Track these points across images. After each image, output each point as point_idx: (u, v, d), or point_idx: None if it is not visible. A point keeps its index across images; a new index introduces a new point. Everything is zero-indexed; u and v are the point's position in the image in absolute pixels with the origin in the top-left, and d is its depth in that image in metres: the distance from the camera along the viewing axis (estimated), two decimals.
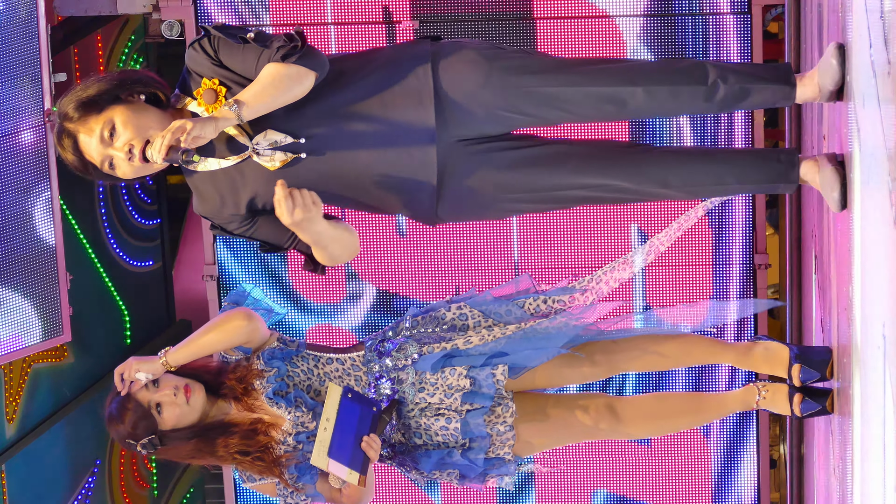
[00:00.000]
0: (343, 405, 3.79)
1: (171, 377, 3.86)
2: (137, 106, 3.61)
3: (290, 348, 3.96)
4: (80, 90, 3.61)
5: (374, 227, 6.35)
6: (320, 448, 3.76)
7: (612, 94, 3.63)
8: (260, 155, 3.63)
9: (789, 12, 5.74)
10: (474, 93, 3.64)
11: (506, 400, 3.95)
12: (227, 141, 3.63)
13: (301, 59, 3.54)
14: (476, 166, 3.69)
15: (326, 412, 3.78)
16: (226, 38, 3.60)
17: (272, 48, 3.56)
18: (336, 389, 3.80)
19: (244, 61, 3.60)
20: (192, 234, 8.67)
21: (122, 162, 3.59)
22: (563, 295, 4.04)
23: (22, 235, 6.05)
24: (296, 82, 3.55)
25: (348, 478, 3.77)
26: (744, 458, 6.56)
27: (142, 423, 3.84)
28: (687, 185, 3.72)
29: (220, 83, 3.61)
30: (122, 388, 3.85)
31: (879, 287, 2.61)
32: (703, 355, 4.07)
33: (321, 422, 3.78)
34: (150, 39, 7.29)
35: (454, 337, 3.95)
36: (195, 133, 3.45)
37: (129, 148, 3.57)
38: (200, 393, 3.88)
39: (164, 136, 3.46)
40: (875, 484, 2.73)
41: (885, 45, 2.55)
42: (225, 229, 3.80)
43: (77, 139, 3.61)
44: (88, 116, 3.59)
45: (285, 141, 3.62)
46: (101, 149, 3.59)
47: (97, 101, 3.59)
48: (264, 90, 3.52)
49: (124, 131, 3.57)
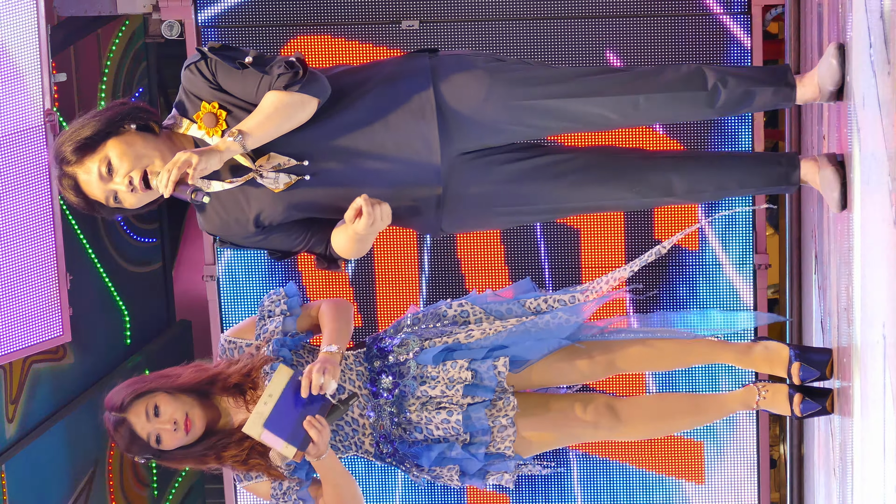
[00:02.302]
0: (290, 386, 3.78)
1: (170, 406, 3.85)
2: (130, 136, 3.61)
3: (300, 335, 3.97)
4: (75, 132, 3.62)
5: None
6: (256, 419, 3.75)
7: (614, 104, 3.64)
8: (263, 178, 3.64)
9: (789, 12, 5.74)
10: (476, 106, 3.65)
11: (507, 394, 3.95)
12: (231, 164, 3.64)
13: (303, 88, 3.55)
14: (478, 178, 3.71)
15: (270, 389, 3.77)
16: (223, 62, 3.60)
17: (273, 75, 3.56)
18: (286, 371, 3.79)
19: (244, 86, 3.60)
20: (192, 234, 8.67)
21: (126, 194, 3.60)
22: (564, 295, 4.05)
23: (22, 235, 6.06)
24: (298, 110, 3.56)
25: (284, 450, 3.77)
26: (744, 458, 6.56)
27: (136, 445, 3.89)
28: (689, 192, 3.74)
29: (219, 107, 3.61)
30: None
31: (879, 287, 2.61)
32: (702, 355, 4.07)
33: (263, 396, 3.77)
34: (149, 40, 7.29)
35: (455, 331, 3.96)
36: (201, 167, 3.46)
37: (129, 180, 3.58)
38: (201, 421, 3.88)
39: (170, 171, 3.46)
40: (875, 484, 2.73)
41: (885, 45, 2.55)
42: (234, 243, 3.81)
43: (77, 181, 3.63)
44: (85, 158, 3.60)
45: (289, 164, 3.64)
46: (101, 185, 3.60)
47: (92, 141, 3.60)
48: (268, 119, 3.53)
49: (121, 164, 3.58)
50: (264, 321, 3.96)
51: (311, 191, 3.65)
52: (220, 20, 6.21)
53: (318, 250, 3.79)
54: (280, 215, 3.70)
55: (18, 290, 6.08)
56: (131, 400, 3.84)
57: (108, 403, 3.89)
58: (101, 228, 7.62)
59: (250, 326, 4.00)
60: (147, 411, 3.83)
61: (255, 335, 3.97)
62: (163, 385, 3.86)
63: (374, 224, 3.56)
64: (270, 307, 3.97)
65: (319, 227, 3.78)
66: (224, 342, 4.00)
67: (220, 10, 6.22)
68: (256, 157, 3.63)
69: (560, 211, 3.81)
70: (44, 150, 6.04)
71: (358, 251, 3.74)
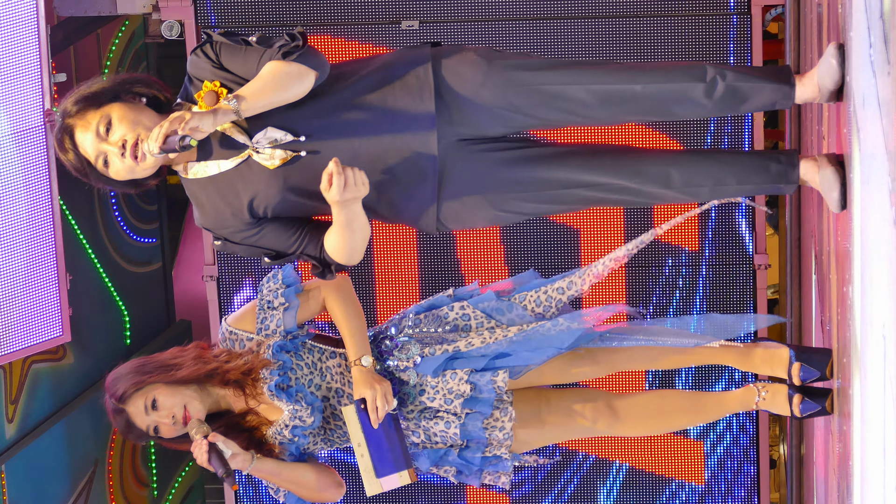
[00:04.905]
0: (363, 419, 3.80)
1: (169, 400, 3.86)
2: (136, 106, 3.62)
3: (299, 334, 3.96)
4: (82, 88, 3.64)
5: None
6: (368, 476, 3.80)
7: (612, 93, 3.63)
8: (259, 153, 3.62)
9: (789, 12, 5.74)
10: (475, 92, 3.65)
11: (505, 403, 3.95)
12: (227, 141, 3.63)
13: (302, 58, 3.55)
14: (476, 164, 3.70)
15: (354, 437, 3.79)
16: (228, 42, 3.60)
17: (273, 48, 3.56)
18: (349, 409, 3.80)
19: (245, 63, 3.60)
20: (192, 234, 8.67)
21: (115, 158, 3.59)
22: (562, 282, 4.03)
23: (22, 235, 6.05)
24: (296, 80, 3.55)
25: (401, 481, 3.81)
26: (744, 458, 6.56)
27: (133, 434, 3.93)
28: (687, 186, 3.72)
29: (220, 85, 3.61)
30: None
31: (879, 287, 2.61)
32: (703, 356, 4.07)
33: (354, 448, 3.80)
34: (149, 40, 7.29)
35: (456, 338, 3.95)
36: (193, 123, 3.45)
37: (123, 143, 3.57)
38: (200, 413, 3.89)
39: (163, 126, 3.47)
40: (875, 484, 2.73)
41: (885, 45, 2.55)
42: (229, 240, 3.78)
43: (74, 133, 3.61)
44: (87, 111, 3.60)
45: (285, 139, 3.62)
46: (95, 143, 3.59)
47: (97, 96, 3.60)
48: (265, 86, 3.53)
49: (119, 126, 3.57)
50: (264, 313, 3.95)
51: (307, 169, 3.63)
52: (220, 20, 6.21)
53: (311, 252, 3.76)
54: (275, 198, 3.67)
55: (18, 290, 6.08)
56: (131, 393, 3.86)
57: (109, 390, 3.90)
58: (102, 229, 7.62)
59: (251, 314, 3.98)
60: (146, 405, 3.86)
61: (255, 327, 3.96)
62: (163, 378, 3.87)
63: (348, 188, 3.51)
64: (269, 297, 3.95)
65: (313, 229, 3.77)
66: (225, 331, 4.00)
67: (220, 10, 6.22)
68: (253, 134, 3.62)
69: (560, 200, 3.76)
70: (44, 150, 6.04)
71: (349, 246, 3.68)
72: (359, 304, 3.97)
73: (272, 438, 3.94)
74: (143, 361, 3.95)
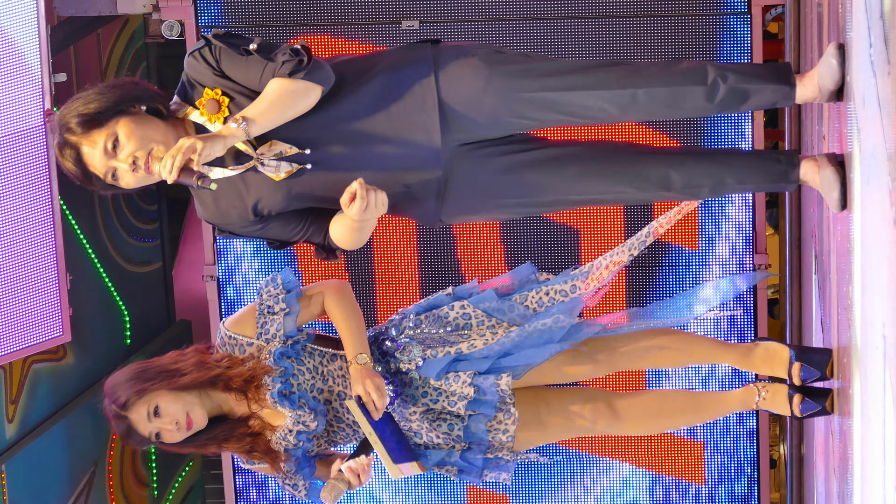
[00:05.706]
0: (365, 413, 3.81)
1: (172, 406, 3.85)
2: (140, 117, 3.60)
3: (300, 338, 3.94)
4: (82, 103, 3.60)
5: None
6: (387, 462, 3.79)
7: (613, 97, 3.63)
8: (264, 166, 3.64)
9: (789, 12, 5.74)
10: (476, 98, 3.65)
11: (508, 405, 3.94)
12: (231, 151, 3.63)
13: (307, 75, 3.55)
14: (479, 168, 3.71)
15: (364, 428, 3.79)
16: (228, 49, 3.59)
17: (277, 62, 3.55)
18: (352, 405, 3.81)
19: (247, 73, 3.59)
20: (192, 234, 8.67)
21: (126, 173, 3.59)
22: (565, 284, 4.02)
23: (22, 235, 6.06)
24: (302, 97, 3.55)
25: (414, 471, 3.83)
26: (744, 458, 6.56)
27: (134, 440, 3.90)
28: (688, 187, 3.73)
29: (222, 93, 3.61)
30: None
31: (879, 287, 2.61)
32: (703, 356, 4.07)
33: (368, 437, 3.80)
34: (149, 40, 7.30)
35: (458, 340, 3.94)
36: (206, 153, 3.46)
37: (134, 160, 3.57)
38: (202, 418, 3.88)
39: (175, 157, 3.45)
40: (875, 484, 2.73)
41: (885, 45, 2.55)
42: (232, 232, 3.80)
43: (80, 151, 3.61)
44: (91, 131, 3.59)
45: (290, 152, 3.63)
46: (104, 161, 3.59)
47: (101, 115, 3.58)
48: (272, 106, 3.53)
49: (128, 143, 3.57)
50: (264, 318, 3.93)
51: (312, 179, 3.64)
52: (221, 20, 6.21)
53: (316, 240, 3.78)
54: (279, 204, 3.69)
55: (18, 290, 6.08)
56: (134, 400, 3.84)
57: (110, 396, 3.87)
58: (102, 229, 7.63)
59: (250, 318, 3.94)
60: (149, 412, 3.83)
61: (255, 332, 3.94)
62: (165, 385, 3.85)
63: (369, 209, 3.54)
64: (269, 302, 3.93)
65: (317, 217, 3.77)
66: (224, 335, 3.95)
67: (220, 10, 6.22)
68: (258, 145, 3.63)
69: (560, 203, 3.79)
70: (44, 150, 6.04)
71: (355, 241, 3.72)
72: (358, 307, 3.96)
73: (277, 445, 3.93)
74: (143, 367, 3.91)
